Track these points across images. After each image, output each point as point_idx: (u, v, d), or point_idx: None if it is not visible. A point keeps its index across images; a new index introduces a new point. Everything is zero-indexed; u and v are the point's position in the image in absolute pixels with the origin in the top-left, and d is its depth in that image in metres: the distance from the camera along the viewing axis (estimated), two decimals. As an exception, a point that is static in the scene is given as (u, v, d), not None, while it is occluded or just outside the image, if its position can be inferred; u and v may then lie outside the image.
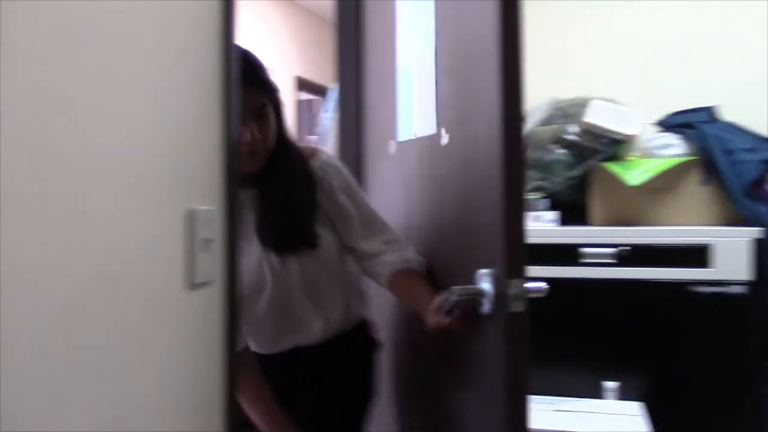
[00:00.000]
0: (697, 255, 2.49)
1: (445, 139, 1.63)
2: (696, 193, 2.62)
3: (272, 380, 1.70)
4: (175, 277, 1.07)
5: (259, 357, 1.76)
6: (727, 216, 2.60)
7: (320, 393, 1.81)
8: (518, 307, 1.27)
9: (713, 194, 2.61)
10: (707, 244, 2.48)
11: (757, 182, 2.57)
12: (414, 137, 1.86)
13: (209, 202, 1.17)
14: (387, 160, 2.12)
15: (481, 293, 1.35)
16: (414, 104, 1.86)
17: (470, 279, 1.38)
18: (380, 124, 2.19)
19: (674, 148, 2.68)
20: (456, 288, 1.40)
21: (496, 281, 1.31)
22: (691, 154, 2.65)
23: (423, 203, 1.81)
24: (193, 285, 1.11)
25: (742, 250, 2.45)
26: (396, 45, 2.02)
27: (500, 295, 1.30)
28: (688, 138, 2.68)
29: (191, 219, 1.10)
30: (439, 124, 1.68)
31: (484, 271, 1.35)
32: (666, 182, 2.62)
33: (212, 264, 1.17)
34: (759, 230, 2.47)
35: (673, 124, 2.76)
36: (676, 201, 2.63)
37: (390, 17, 2.04)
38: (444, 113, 1.64)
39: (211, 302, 1.17)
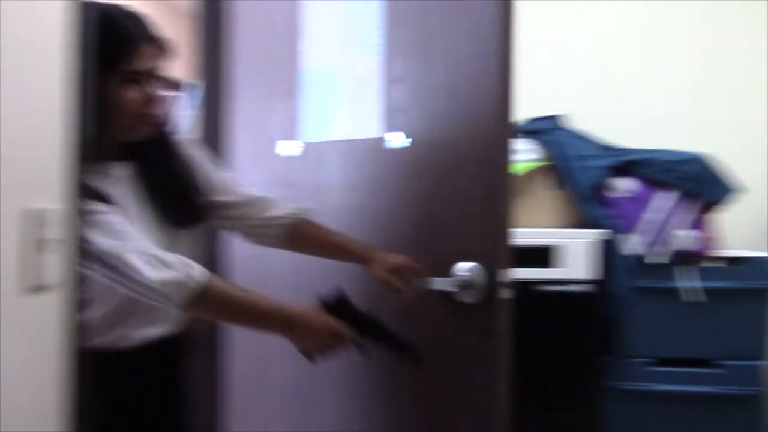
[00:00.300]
0: (543, 255, 2.61)
1: (403, 142, 1.70)
2: (547, 196, 2.75)
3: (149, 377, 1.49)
4: (8, 280, 0.98)
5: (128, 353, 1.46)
6: (574, 219, 2.75)
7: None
8: (507, 294, 1.47)
9: (563, 198, 2.74)
10: (552, 245, 2.61)
11: (600, 187, 2.73)
12: (338, 139, 1.89)
13: (52, 200, 1.07)
14: (279, 160, 2.08)
15: (470, 283, 1.48)
16: (340, 106, 1.90)
17: (443, 272, 1.52)
18: (263, 123, 2.15)
19: (528, 154, 2.79)
20: (440, 279, 1.53)
21: (487, 272, 1.48)
22: (543, 160, 2.78)
23: (366, 201, 1.81)
24: (32, 288, 1.02)
25: (587, 251, 2.60)
26: (298, 45, 2.01)
27: (492, 285, 1.47)
28: (542, 144, 2.81)
29: (29, 219, 1.01)
30: (389, 128, 1.74)
31: (468, 264, 1.50)
32: (520, 186, 2.72)
33: (55, 266, 1.08)
34: (601, 232, 2.63)
35: (527, 130, 2.88)
36: (529, 204, 2.74)
37: (288, 16, 2.02)
38: (401, 118, 1.72)
39: (52, 306, 1.08)
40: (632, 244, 2.71)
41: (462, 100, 1.60)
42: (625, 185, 2.75)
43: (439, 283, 1.54)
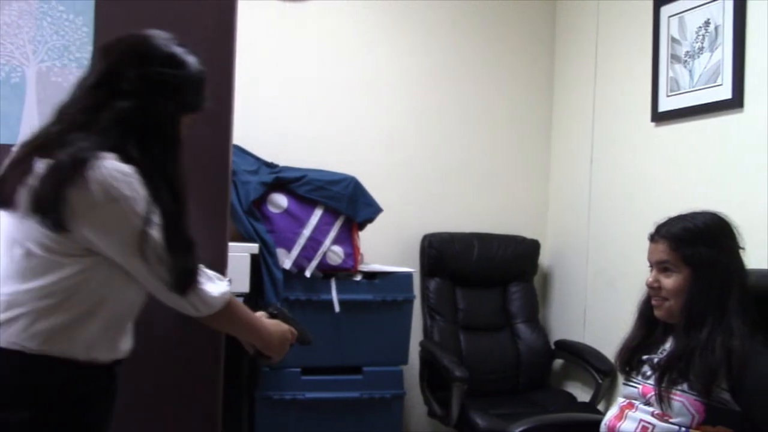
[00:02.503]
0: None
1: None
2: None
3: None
4: None
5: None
6: (229, 233, 2.77)
7: None
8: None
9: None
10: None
11: (258, 202, 2.80)
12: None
13: None
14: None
15: None
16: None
17: None
18: None
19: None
20: None
21: None
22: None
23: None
24: None
25: (243, 264, 2.64)
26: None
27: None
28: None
29: None
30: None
31: None
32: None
33: None
34: (256, 246, 2.69)
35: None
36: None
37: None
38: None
39: None
40: (286, 258, 2.82)
41: None
42: (280, 201, 2.85)
43: None
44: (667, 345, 1.80)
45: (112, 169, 1.33)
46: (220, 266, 1.58)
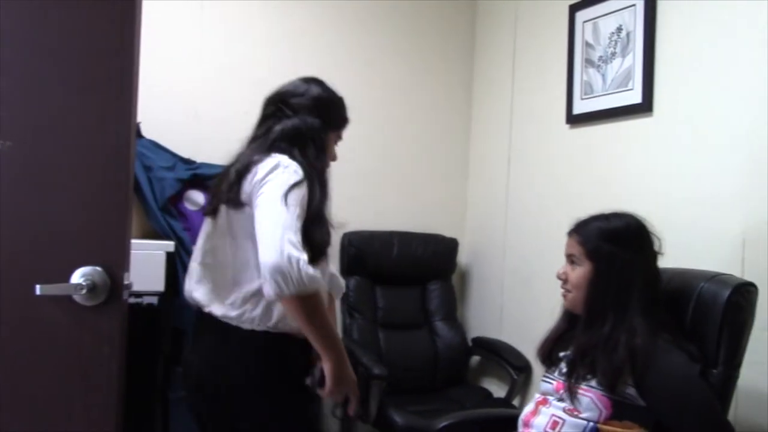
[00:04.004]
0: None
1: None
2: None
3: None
4: None
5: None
6: (143, 230, 2.70)
7: None
8: (126, 296, 1.55)
9: (134, 208, 2.68)
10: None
11: (174, 198, 2.74)
12: None
13: None
14: None
15: (92, 287, 1.50)
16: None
17: (64, 277, 1.51)
18: None
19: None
20: (62, 285, 1.52)
21: (108, 276, 1.52)
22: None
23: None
24: None
25: (157, 262, 2.57)
26: None
27: (113, 288, 1.51)
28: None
29: None
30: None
31: (89, 268, 1.50)
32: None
33: None
34: (171, 243, 2.63)
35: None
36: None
37: None
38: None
39: None
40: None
41: (80, 104, 1.54)
42: (197, 198, 2.79)
43: (60, 288, 1.52)
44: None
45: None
46: (121, 265, 1.54)
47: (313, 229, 1.77)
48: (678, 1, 2.50)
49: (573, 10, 3.00)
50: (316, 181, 1.82)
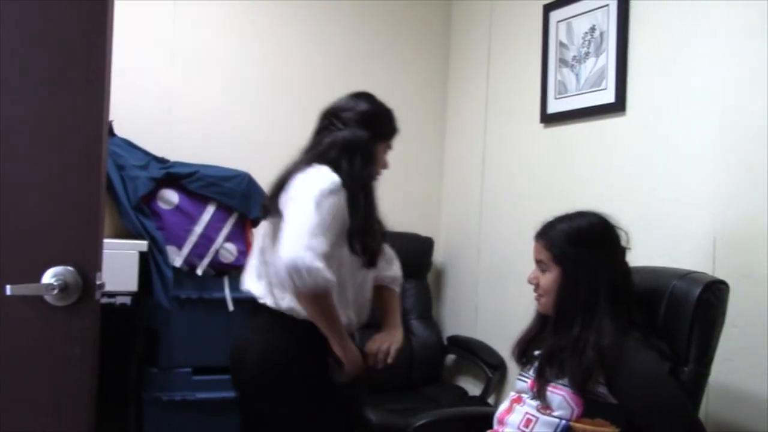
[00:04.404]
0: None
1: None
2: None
3: None
4: None
5: None
6: (116, 229, 2.67)
7: None
8: (98, 296, 1.52)
9: (106, 208, 2.65)
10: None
11: (147, 197, 2.71)
12: None
13: None
14: None
15: (63, 287, 1.47)
16: None
17: (34, 276, 1.48)
18: None
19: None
20: (32, 285, 1.48)
21: (80, 275, 1.48)
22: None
23: None
24: None
25: (130, 262, 2.54)
26: None
27: (85, 287, 1.48)
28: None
29: None
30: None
31: (61, 267, 1.47)
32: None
33: None
34: (145, 243, 2.60)
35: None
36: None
37: None
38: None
39: None
40: (177, 255, 2.74)
41: (51, 102, 1.51)
42: (171, 197, 2.77)
43: (31, 288, 1.49)
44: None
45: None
46: (93, 265, 1.52)
47: (361, 236, 1.96)
48: (651, 2, 2.53)
49: (547, 10, 3.02)
50: (360, 191, 1.98)
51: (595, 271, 1.78)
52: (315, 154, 2.05)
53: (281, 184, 1.99)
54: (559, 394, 1.73)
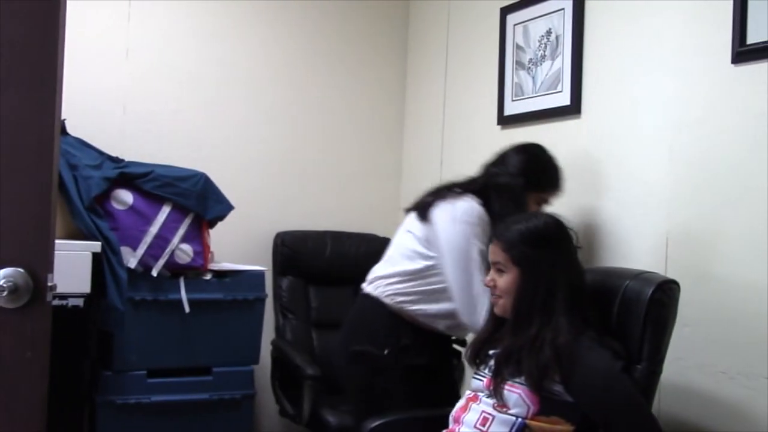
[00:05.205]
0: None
1: None
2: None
3: None
4: None
5: None
6: (69, 230, 2.62)
7: None
8: (50, 298, 1.46)
9: (58, 208, 2.60)
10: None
11: (100, 198, 2.66)
12: None
13: None
14: None
15: (13, 288, 1.43)
16: None
17: None
18: None
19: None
20: None
21: (31, 277, 1.43)
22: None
23: None
24: None
25: (83, 263, 2.50)
26: None
27: (36, 289, 1.43)
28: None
29: None
30: None
31: (11, 269, 1.42)
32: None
33: None
34: (98, 244, 2.56)
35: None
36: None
37: None
38: None
39: None
40: (131, 256, 2.70)
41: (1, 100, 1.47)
42: (125, 198, 2.72)
43: None
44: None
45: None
46: (44, 266, 1.50)
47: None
48: (605, 6, 2.57)
49: (504, 12, 3.05)
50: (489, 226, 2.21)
51: (552, 270, 1.81)
52: (474, 183, 2.35)
53: (434, 199, 2.33)
54: (515, 392, 1.75)
